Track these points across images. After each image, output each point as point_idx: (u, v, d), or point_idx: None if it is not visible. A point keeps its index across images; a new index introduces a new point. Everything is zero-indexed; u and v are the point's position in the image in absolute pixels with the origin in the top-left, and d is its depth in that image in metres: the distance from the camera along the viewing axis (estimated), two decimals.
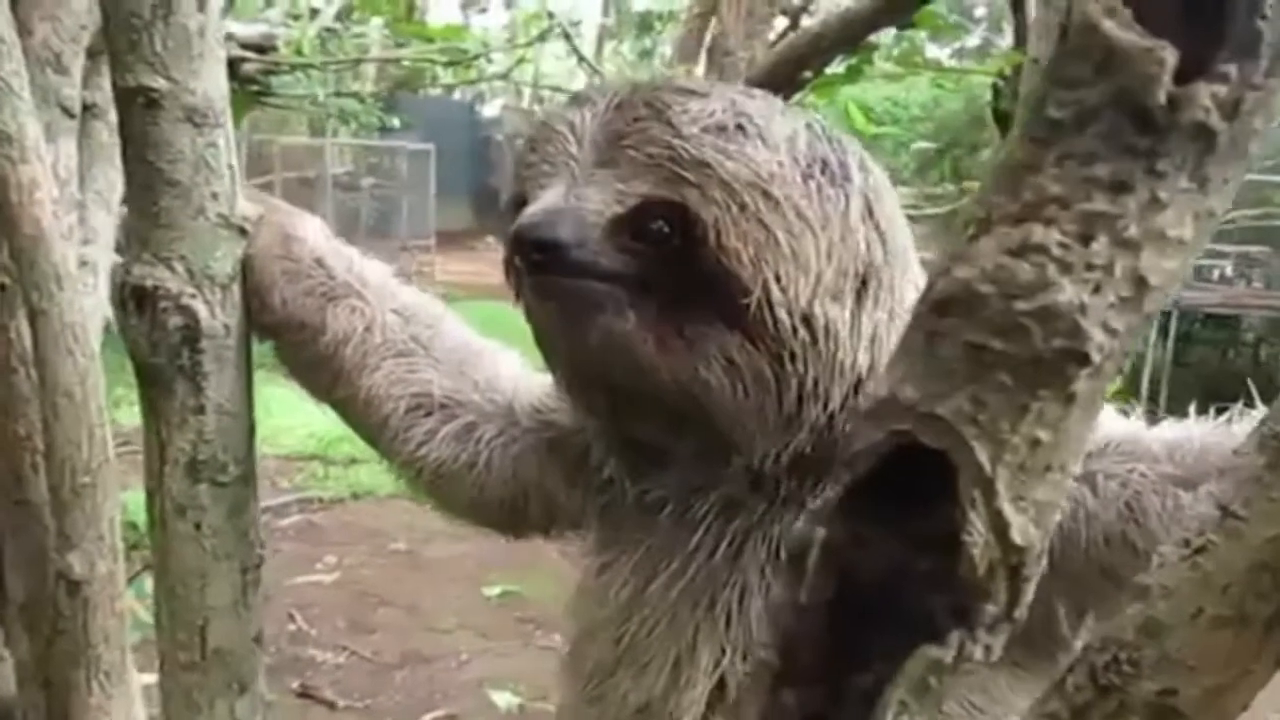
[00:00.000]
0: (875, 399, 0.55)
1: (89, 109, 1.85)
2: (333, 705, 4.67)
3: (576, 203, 1.03)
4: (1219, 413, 1.09)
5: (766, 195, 1.00)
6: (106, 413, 1.57)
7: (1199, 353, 11.17)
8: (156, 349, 1.26)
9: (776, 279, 1.00)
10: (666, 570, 1.14)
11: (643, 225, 1.02)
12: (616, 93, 1.05)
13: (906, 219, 1.13)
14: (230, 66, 1.31)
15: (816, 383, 1.04)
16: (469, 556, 5.80)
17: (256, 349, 1.34)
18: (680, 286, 1.03)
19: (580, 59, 4.28)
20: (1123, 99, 0.47)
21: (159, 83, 1.19)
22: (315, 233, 1.34)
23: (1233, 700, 0.61)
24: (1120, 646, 0.62)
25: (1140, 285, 0.49)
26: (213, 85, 1.22)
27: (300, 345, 1.33)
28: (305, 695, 4.69)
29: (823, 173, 1.03)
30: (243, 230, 1.27)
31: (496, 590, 5.63)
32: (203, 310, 1.25)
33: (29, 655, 1.72)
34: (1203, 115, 0.47)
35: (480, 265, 15.27)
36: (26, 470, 1.67)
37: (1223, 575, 0.59)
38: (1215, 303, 10.79)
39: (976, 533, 0.53)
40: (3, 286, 1.62)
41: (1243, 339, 11.76)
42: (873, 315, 1.05)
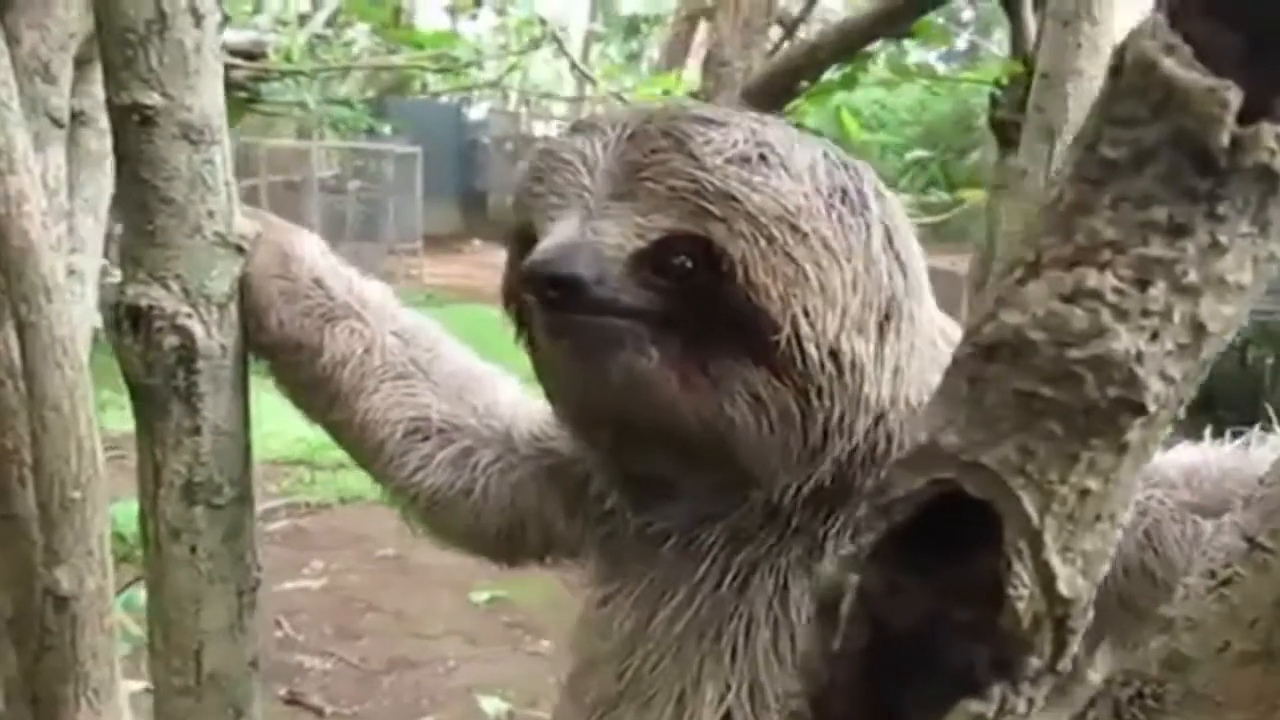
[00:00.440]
0: (914, 445, 0.53)
1: (77, 116, 1.82)
2: (320, 712, 4.64)
3: (594, 237, 0.99)
4: (1216, 425, 1.07)
5: (794, 229, 0.97)
6: (95, 425, 1.54)
7: None
8: (152, 369, 1.24)
9: (805, 314, 0.98)
10: (670, 603, 1.12)
11: (665, 260, 0.99)
12: (628, 122, 1.02)
13: None
14: None
15: (842, 417, 1.02)
16: (457, 562, 5.69)
17: None
18: (702, 322, 1.00)
19: (573, 65, 4.26)
20: (1182, 139, 0.45)
21: (154, 99, 1.17)
22: (314, 252, 1.32)
23: None
24: (1144, 681, 0.61)
25: (1199, 332, 0.47)
26: (210, 101, 1.20)
27: (297, 366, 1.30)
28: (293, 702, 4.65)
29: (843, 202, 1.00)
30: (240, 248, 1.25)
31: (485, 596, 5.59)
32: (199, 330, 1.23)
33: (16, 671, 1.69)
34: (1267, 158, 0.45)
35: (467, 268, 15.27)
36: (14, 484, 1.64)
37: (1250, 609, 0.58)
38: None
39: (1022, 585, 0.51)
40: None
41: (1229, 343, 11.79)
42: (895, 347, 1.03)
